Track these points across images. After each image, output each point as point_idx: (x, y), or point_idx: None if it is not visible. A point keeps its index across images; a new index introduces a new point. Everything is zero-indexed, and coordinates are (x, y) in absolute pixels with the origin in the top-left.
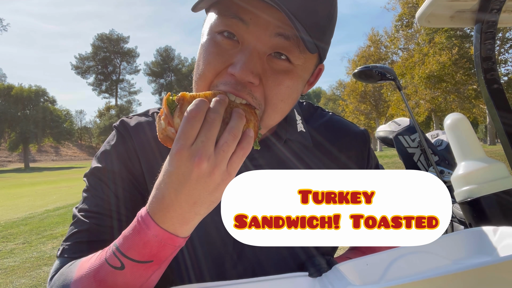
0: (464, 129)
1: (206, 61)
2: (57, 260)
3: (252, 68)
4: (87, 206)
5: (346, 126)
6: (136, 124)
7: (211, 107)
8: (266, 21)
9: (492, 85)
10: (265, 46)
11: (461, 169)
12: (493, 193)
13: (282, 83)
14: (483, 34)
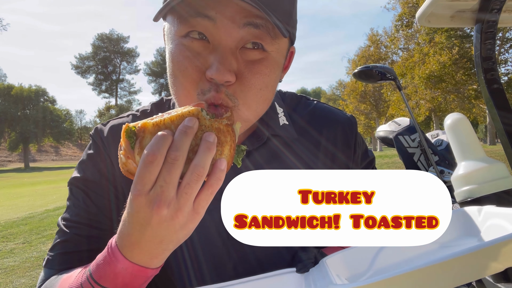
0: (464, 129)
1: (181, 73)
2: (42, 271)
3: (228, 66)
4: (68, 216)
5: (331, 114)
6: (110, 131)
7: (173, 143)
8: (232, 12)
9: (492, 85)
10: (236, 39)
11: (461, 169)
12: (493, 193)
13: (258, 72)
14: (483, 34)
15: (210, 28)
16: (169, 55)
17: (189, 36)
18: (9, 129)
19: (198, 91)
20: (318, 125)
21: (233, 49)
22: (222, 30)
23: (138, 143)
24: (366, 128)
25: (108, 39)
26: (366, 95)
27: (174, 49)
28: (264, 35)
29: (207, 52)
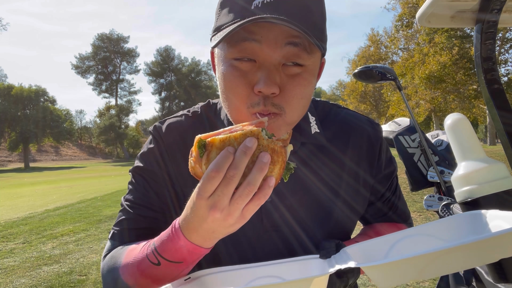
0: (464, 130)
1: (232, 90)
2: (109, 242)
3: (273, 80)
4: (131, 197)
5: (358, 122)
6: (167, 127)
7: (233, 162)
8: (275, 35)
9: (493, 85)
10: (278, 57)
11: (461, 169)
12: (494, 193)
13: (299, 84)
14: (483, 34)
15: (257, 49)
16: (220, 75)
17: (239, 60)
18: (9, 129)
19: (248, 105)
20: (346, 133)
21: (276, 65)
22: (266, 50)
23: (206, 155)
24: None
25: (108, 39)
26: (366, 95)
27: (225, 70)
28: (302, 51)
29: (254, 70)
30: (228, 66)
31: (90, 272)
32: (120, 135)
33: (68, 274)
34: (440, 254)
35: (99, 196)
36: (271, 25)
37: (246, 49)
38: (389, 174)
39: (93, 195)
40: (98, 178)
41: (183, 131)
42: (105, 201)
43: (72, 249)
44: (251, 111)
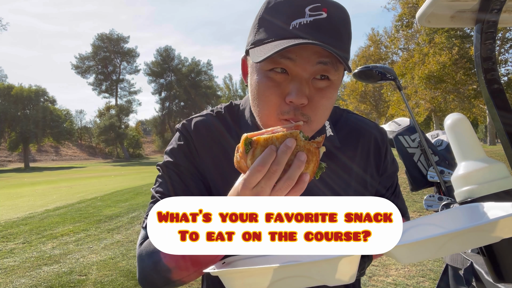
0: (464, 130)
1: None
2: (143, 230)
3: (304, 92)
4: (162, 189)
5: (366, 126)
6: (194, 125)
7: (276, 158)
8: (308, 54)
9: (493, 85)
10: (309, 73)
11: (461, 169)
12: (494, 193)
13: (325, 97)
14: (483, 34)
15: (290, 65)
16: (255, 84)
17: (273, 70)
18: (9, 129)
19: (278, 112)
20: (356, 137)
21: (307, 80)
22: (299, 67)
23: (251, 152)
24: None
25: (108, 39)
26: (366, 95)
27: (260, 80)
28: (330, 69)
29: (286, 82)
30: (263, 76)
31: (90, 272)
32: (120, 135)
33: (68, 274)
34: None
35: (99, 196)
36: (306, 46)
37: (281, 63)
38: (392, 174)
39: (93, 195)
40: (98, 178)
41: (209, 129)
42: (105, 201)
43: (72, 249)
44: (280, 117)
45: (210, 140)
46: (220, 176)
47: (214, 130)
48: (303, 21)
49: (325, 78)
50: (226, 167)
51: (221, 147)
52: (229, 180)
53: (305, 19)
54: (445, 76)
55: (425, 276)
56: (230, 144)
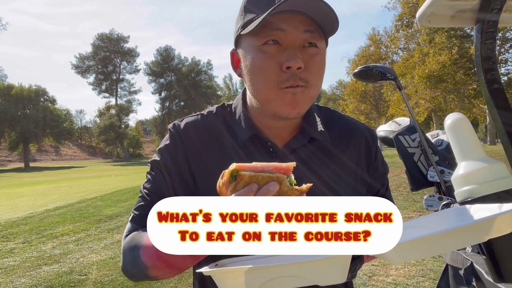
0: (465, 129)
1: (263, 70)
2: (129, 223)
3: (298, 56)
4: (148, 186)
5: (357, 127)
6: (184, 126)
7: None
8: (296, 24)
9: (493, 85)
10: (299, 40)
11: (462, 169)
12: (494, 192)
13: (317, 61)
14: (483, 34)
15: (282, 35)
16: (250, 61)
17: (266, 44)
18: (9, 129)
19: (278, 82)
20: (347, 135)
21: (298, 47)
22: (290, 36)
23: (234, 184)
24: None
25: (108, 39)
26: (366, 95)
27: (255, 55)
28: (317, 36)
29: (280, 52)
30: (257, 52)
31: (90, 272)
32: (120, 135)
33: (68, 274)
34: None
35: (99, 196)
36: (292, 16)
37: (272, 35)
38: (383, 173)
39: (93, 194)
40: (98, 177)
41: (199, 129)
42: (105, 201)
43: (72, 249)
44: (281, 86)
45: (200, 140)
46: (208, 174)
47: (204, 130)
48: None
49: (313, 46)
50: (214, 166)
51: (211, 146)
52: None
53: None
54: (445, 76)
55: (425, 276)
56: (220, 143)
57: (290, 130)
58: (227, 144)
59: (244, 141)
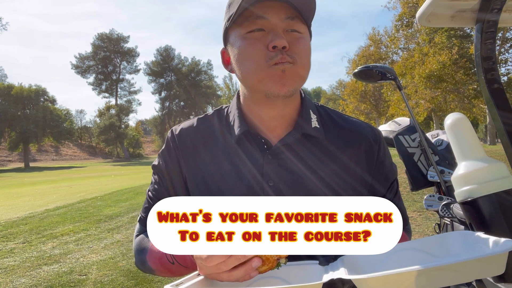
0: (465, 129)
1: (251, 52)
2: (138, 224)
3: (282, 36)
4: (151, 189)
5: (359, 127)
6: (179, 131)
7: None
8: (278, 11)
9: (493, 85)
10: (281, 26)
11: (462, 169)
12: (494, 192)
13: (301, 43)
14: (483, 33)
15: (265, 22)
16: (238, 47)
17: (251, 32)
18: (9, 129)
19: (267, 59)
20: (346, 134)
21: (282, 31)
22: (273, 21)
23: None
24: None
25: (108, 39)
26: (366, 95)
27: (242, 42)
28: (298, 23)
29: (265, 36)
30: (244, 39)
31: (90, 272)
32: (120, 135)
33: (68, 274)
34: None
35: (99, 196)
36: (273, 4)
37: (257, 23)
38: (388, 176)
39: (93, 195)
40: (98, 178)
41: (193, 134)
42: (105, 201)
43: (72, 249)
44: (270, 63)
45: (193, 144)
46: (199, 176)
47: (198, 134)
48: None
49: (295, 31)
50: (206, 167)
51: (203, 148)
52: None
53: None
54: (445, 76)
55: None
56: (213, 144)
57: (285, 126)
58: (220, 144)
59: (238, 138)
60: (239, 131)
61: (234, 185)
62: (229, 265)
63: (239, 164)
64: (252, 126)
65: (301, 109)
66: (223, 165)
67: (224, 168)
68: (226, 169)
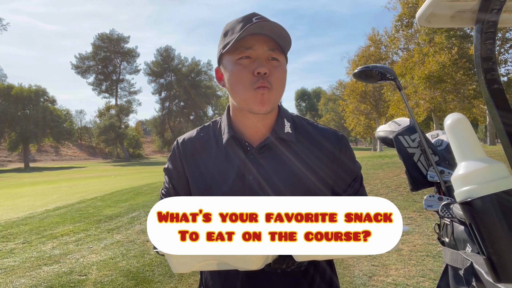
0: (464, 129)
1: (240, 77)
2: None
3: (264, 65)
4: (164, 188)
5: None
6: (182, 140)
7: None
8: (262, 44)
9: (493, 85)
10: (265, 56)
11: (461, 169)
12: (494, 193)
13: (279, 71)
14: (483, 34)
15: (252, 52)
16: (230, 71)
17: (241, 59)
18: (9, 129)
19: (252, 83)
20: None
21: (265, 60)
22: (258, 52)
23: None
24: (366, 128)
25: (108, 39)
26: (366, 95)
27: (234, 67)
28: (278, 53)
29: (251, 63)
30: (235, 65)
31: (90, 272)
32: (120, 135)
33: (68, 274)
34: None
35: (99, 196)
36: (259, 38)
37: (245, 53)
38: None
39: (93, 195)
40: (98, 178)
41: (193, 141)
42: (105, 201)
43: (72, 249)
44: (253, 87)
45: (192, 150)
46: (198, 174)
47: (197, 141)
48: (252, 24)
49: (275, 60)
50: (202, 167)
51: (201, 152)
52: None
53: (253, 22)
54: (445, 76)
55: (425, 276)
56: (208, 149)
57: (264, 132)
58: (213, 148)
59: (226, 141)
60: (228, 136)
61: (224, 178)
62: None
63: (227, 161)
64: (238, 132)
65: (277, 118)
66: (216, 163)
67: (217, 164)
68: (218, 166)
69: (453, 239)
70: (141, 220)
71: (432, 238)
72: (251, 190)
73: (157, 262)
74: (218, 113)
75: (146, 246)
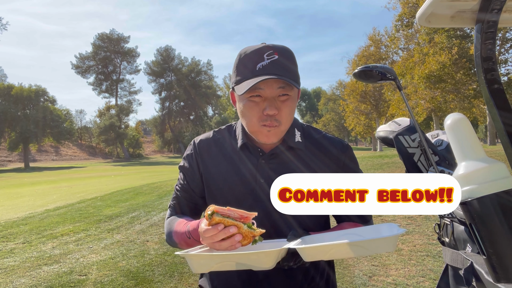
0: (465, 129)
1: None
2: (169, 210)
3: (274, 106)
4: (179, 184)
5: (330, 141)
6: (199, 141)
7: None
8: (272, 84)
9: (493, 85)
10: (274, 95)
11: (462, 169)
12: (494, 193)
13: (287, 106)
14: (483, 34)
15: (262, 92)
16: (242, 107)
17: (252, 97)
18: (9, 129)
19: (260, 121)
20: (320, 146)
21: (274, 98)
22: (268, 92)
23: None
24: (366, 128)
25: (108, 39)
26: (366, 95)
27: (245, 103)
28: (288, 89)
29: (262, 102)
30: (246, 101)
31: (90, 272)
32: (120, 135)
33: (68, 274)
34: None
35: (99, 196)
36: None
37: (256, 92)
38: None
39: (93, 195)
40: (98, 178)
41: (209, 143)
42: (105, 201)
43: (72, 249)
44: (261, 124)
45: (208, 150)
46: (211, 173)
47: (212, 143)
48: (263, 63)
49: (285, 95)
50: (216, 167)
51: (215, 154)
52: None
53: (264, 62)
54: (445, 76)
55: (425, 276)
56: (223, 151)
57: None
58: (227, 151)
59: (241, 146)
60: (242, 142)
61: (237, 179)
62: (219, 237)
63: (241, 164)
64: (251, 140)
65: (289, 129)
66: (230, 164)
67: (231, 166)
68: (232, 167)
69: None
70: (141, 219)
71: (432, 238)
72: (263, 192)
73: (157, 262)
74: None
75: (146, 246)
